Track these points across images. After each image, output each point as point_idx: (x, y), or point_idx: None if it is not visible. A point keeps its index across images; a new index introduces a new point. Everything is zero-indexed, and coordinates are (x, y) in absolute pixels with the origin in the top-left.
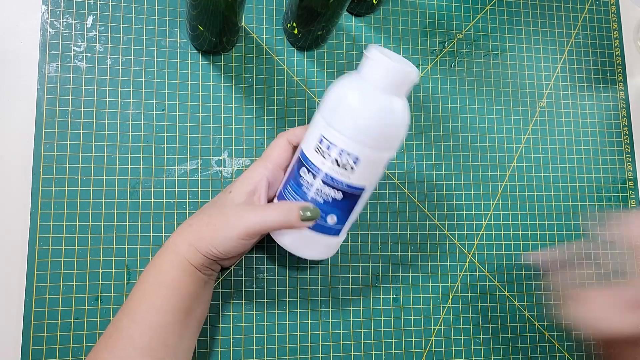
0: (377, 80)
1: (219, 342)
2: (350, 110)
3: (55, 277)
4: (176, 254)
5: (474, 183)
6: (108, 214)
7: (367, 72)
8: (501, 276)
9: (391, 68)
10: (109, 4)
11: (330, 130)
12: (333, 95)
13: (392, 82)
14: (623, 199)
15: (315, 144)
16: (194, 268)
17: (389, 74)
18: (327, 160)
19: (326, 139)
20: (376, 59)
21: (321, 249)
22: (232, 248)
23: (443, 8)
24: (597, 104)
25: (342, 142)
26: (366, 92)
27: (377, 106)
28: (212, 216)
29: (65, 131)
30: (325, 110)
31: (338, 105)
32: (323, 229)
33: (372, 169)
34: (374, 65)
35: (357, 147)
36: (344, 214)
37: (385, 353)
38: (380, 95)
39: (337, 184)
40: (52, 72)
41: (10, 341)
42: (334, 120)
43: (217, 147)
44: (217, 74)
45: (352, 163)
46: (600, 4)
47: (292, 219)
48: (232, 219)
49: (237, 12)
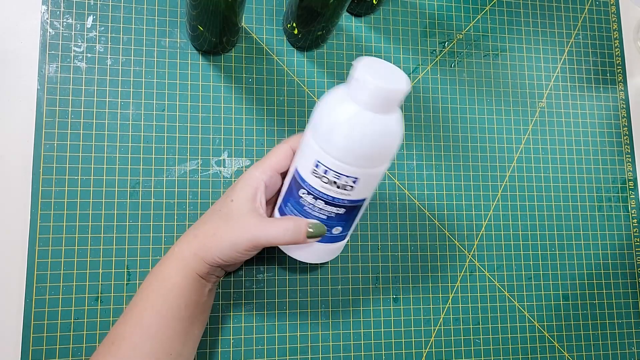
0: (367, 101)
1: (219, 343)
2: (345, 137)
3: (55, 277)
4: (182, 262)
5: (474, 183)
6: (108, 214)
7: (357, 93)
8: (501, 276)
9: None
10: (109, 4)
11: (325, 156)
12: (325, 119)
13: (382, 102)
14: (623, 199)
15: (311, 168)
16: (198, 277)
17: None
18: (325, 183)
19: (322, 164)
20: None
21: (327, 253)
22: (238, 258)
23: (443, 8)
24: (597, 104)
25: (338, 167)
26: (359, 117)
27: (372, 130)
28: (219, 228)
29: (65, 131)
30: (318, 134)
31: (331, 131)
32: (329, 239)
33: (371, 183)
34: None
35: (355, 170)
36: (347, 224)
37: (385, 353)
38: (373, 117)
39: (338, 201)
40: (52, 72)
41: (10, 341)
42: (329, 146)
43: (217, 147)
44: (217, 74)
45: (351, 183)
46: (600, 4)
47: (300, 237)
48: (238, 231)
49: (237, 12)
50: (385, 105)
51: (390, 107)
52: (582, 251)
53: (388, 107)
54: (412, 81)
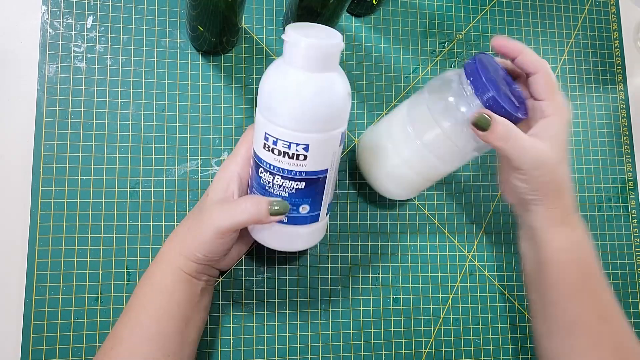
0: (301, 62)
1: (219, 343)
2: (283, 101)
3: (55, 277)
4: (168, 262)
5: (474, 183)
6: (108, 214)
7: (290, 56)
8: (501, 276)
9: (311, 46)
10: (109, 4)
11: (271, 126)
12: (265, 90)
13: (317, 60)
14: (623, 199)
15: (262, 142)
16: (187, 275)
17: (311, 53)
18: (277, 155)
19: (270, 135)
20: (293, 40)
21: (307, 238)
22: (213, 249)
23: (443, 8)
24: (596, 104)
25: (285, 135)
26: (294, 78)
27: (309, 90)
28: (192, 223)
29: (65, 131)
30: (262, 105)
31: (270, 99)
32: (300, 220)
33: (326, 151)
34: (293, 48)
35: (302, 135)
36: (315, 200)
37: (385, 353)
38: (309, 77)
39: (295, 174)
40: (52, 73)
41: (10, 341)
42: (272, 114)
43: (217, 147)
44: (217, 74)
45: (302, 152)
46: (600, 4)
47: (262, 215)
48: (205, 220)
49: (237, 13)
50: (319, 63)
51: (326, 65)
52: None
53: (324, 65)
54: (412, 81)
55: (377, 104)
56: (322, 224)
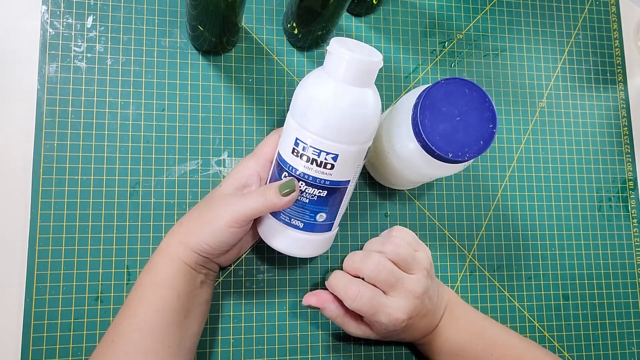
0: (342, 74)
1: (219, 343)
2: (320, 109)
3: (55, 277)
4: (169, 253)
5: (474, 183)
6: (108, 214)
7: (331, 67)
8: (501, 276)
9: (354, 60)
10: (109, 4)
11: (303, 132)
12: (301, 96)
13: (357, 74)
14: (623, 199)
15: (291, 147)
16: (187, 267)
17: (353, 67)
18: (305, 162)
19: (301, 141)
20: (337, 53)
21: (316, 245)
22: (222, 239)
23: (443, 8)
24: (597, 104)
25: (317, 142)
26: (333, 89)
27: (346, 102)
28: (201, 211)
29: (65, 131)
30: (296, 111)
31: (308, 106)
32: (314, 227)
33: (352, 162)
34: (336, 60)
35: (333, 145)
36: (332, 210)
37: (385, 353)
38: (347, 90)
39: (319, 182)
40: (52, 72)
41: (10, 341)
42: (306, 121)
43: (217, 147)
44: (217, 74)
45: (331, 161)
46: (600, 4)
47: (273, 198)
48: (219, 209)
49: (237, 12)
50: (359, 77)
51: (365, 80)
52: (582, 251)
53: (363, 80)
54: (412, 81)
55: None
56: (332, 234)
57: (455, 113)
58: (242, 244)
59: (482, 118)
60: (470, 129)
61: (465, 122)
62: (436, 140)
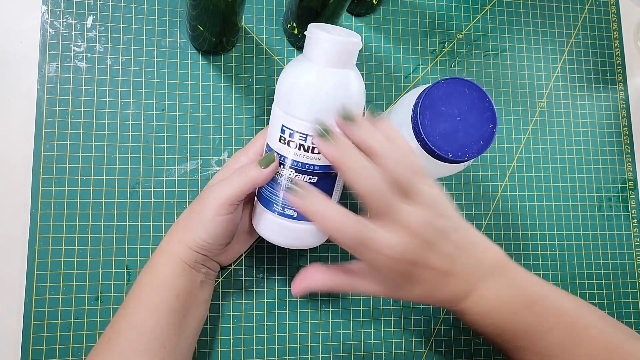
0: (322, 58)
1: (219, 343)
2: (303, 93)
3: (55, 277)
4: (168, 252)
5: (474, 183)
6: (108, 214)
7: (312, 52)
8: None
9: (333, 42)
10: (109, 4)
11: (289, 119)
12: (284, 83)
13: (337, 56)
14: (623, 199)
15: (278, 135)
16: (187, 266)
17: (333, 49)
18: (292, 148)
19: (287, 128)
20: (316, 37)
21: (312, 234)
22: (213, 230)
23: (443, 8)
24: (597, 104)
25: (303, 126)
26: (315, 73)
27: (328, 84)
28: (193, 207)
29: (65, 131)
30: (280, 99)
31: (291, 92)
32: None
33: None
34: (316, 44)
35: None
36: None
37: (385, 353)
38: (329, 72)
39: (308, 167)
40: (52, 72)
41: (10, 341)
42: (290, 107)
43: (217, 147)
44: (217, 74)
45: None
46: (600, 4)
47: (253, 172)
48: (204, 201)
49: (237, 12)
50: (340, 59)
51: (346, 61)
52: (582, 251)
53: (344, 62)
54: (412, 81)
55: (377, 103)
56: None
57: (455, 113)
58: (241, 244)
59: (482, 118)
60: (470, 129)
61: (465, 122)
62: (436, 140)
